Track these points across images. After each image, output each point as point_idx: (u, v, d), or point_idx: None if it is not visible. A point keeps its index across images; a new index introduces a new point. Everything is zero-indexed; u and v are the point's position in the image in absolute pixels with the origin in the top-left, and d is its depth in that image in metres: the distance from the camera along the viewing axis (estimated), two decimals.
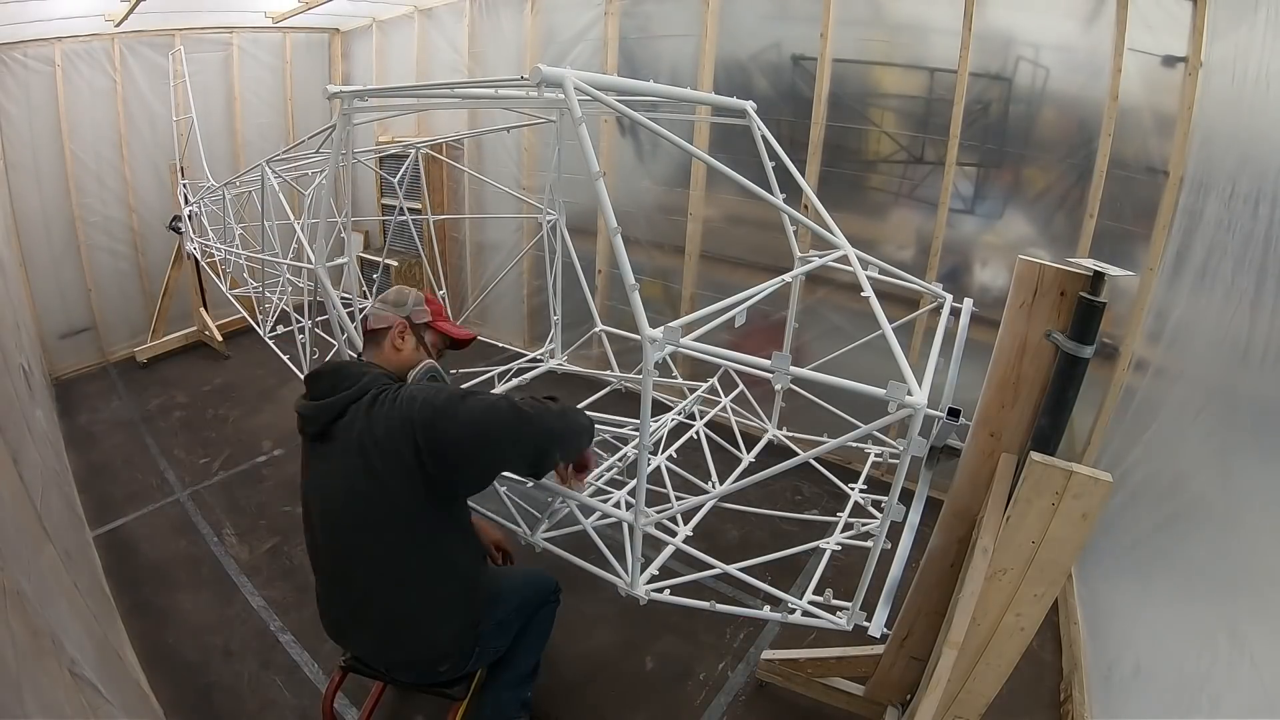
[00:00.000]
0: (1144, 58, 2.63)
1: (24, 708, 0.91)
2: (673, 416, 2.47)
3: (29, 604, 1.15)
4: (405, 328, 1.69)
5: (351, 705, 2.20)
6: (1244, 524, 1.54)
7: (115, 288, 4.99)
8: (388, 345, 1.67)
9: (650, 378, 1.25)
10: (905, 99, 3.28)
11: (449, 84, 2.37)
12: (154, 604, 2.62)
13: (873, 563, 1.39)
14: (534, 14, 4.34)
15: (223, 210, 3.62)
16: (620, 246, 1.30)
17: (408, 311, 1.71)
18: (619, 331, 3.03)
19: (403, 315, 1.70)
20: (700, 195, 3.90)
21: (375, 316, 1.69)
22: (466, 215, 5.21)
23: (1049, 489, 1.25)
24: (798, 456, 1.41)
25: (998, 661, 1.44)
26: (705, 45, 3.66)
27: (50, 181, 4.53)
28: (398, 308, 1.71)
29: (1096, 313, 1.27)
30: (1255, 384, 1.62)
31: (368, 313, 1.72)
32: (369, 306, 1.74)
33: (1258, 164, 1.89)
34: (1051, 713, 2.20)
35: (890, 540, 1.36)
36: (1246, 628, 1.39)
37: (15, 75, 4.23)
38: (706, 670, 2.34)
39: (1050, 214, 3.01)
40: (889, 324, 1.35)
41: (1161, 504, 2.06)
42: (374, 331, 1.69)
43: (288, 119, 5.68)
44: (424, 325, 1.75)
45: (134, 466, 3.61)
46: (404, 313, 1.71)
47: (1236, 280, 1.84)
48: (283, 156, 2.80)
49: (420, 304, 1.75)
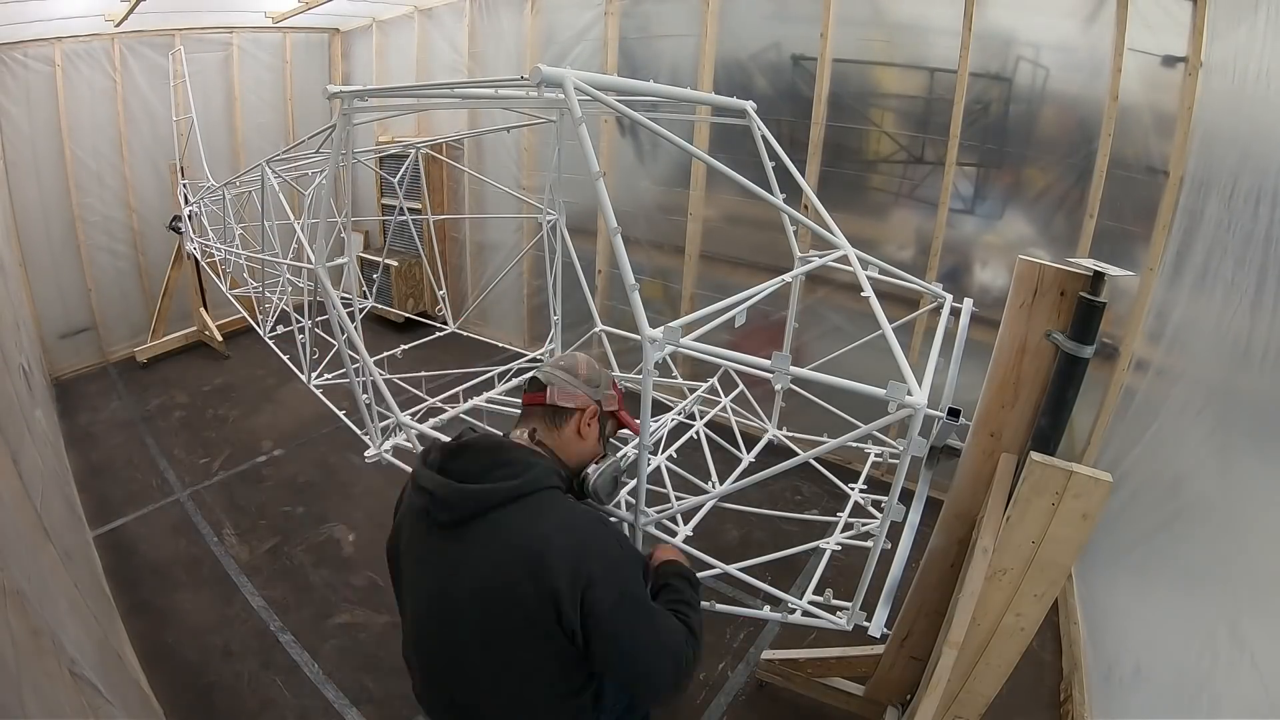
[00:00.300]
0: (1144, 58, 2.63)
1: (24, 707, 0.91)
2: (673, 416, 2.47)
3: (29, 604, 1.15)
4: (596, 414, 1.35)
5: (351, 705, 2.20)
6: (1244, 524, 1.54)
7: (115, 288, 4.99)
8: (570, 430, 1.32)
9: (650, 378, 1.25)
10: (905, 99, 3.28)
11: (449, 84, 2.37)
12: (154, 604, 2.62)
13: (873, 563, 1.39)
14: (534, 14, 4.34)
15: (223, 210, 3.62)
16: (620, 246, 1.30)
17: (601, 395, 1.37)
18: (619, 331, 3.03)
19: (596, 399, 1.36)
20: (700, 195, 3.90)
21: (562, 391, 1.32)
22: (466, 215, 5.21)
23: (1049, 489, 1.25)
24: (798, 456, 1.41)
25: (998, 661, 1.44)
26: (705, 45, 3.66)
27: (50, 181, 4.53)
28: (592, 388, 1.35)
29: (1096, 313, 1.27)
30: (1255, 384, 1.62)
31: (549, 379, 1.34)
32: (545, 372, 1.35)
33: (1258, 163, 1.89)
34: (1051, 713, 2.20)
35: (890, 540, 1.36)
36: (1246, 627, 1.39)
37: (15, 75, 4.23)
38: (706, 670, 2.34)
39: (1050, 214, 3.01)
40: (889, 324, 1.35)
41: (1161, 504, 2.06)
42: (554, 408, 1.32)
43: (288, 119, 5.68)
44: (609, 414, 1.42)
45: (134, 466, 3.61)
46: (598, 395, 1.36)
47: (1237, 280, 1.84)
48: (283, 156, 2.80)
49: (610, 386, 1.41)
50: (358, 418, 2.32)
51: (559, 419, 1.32)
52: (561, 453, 1.31)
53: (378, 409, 2.25)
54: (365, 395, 2.21)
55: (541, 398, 1.33)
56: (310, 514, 3.18)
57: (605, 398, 1.39)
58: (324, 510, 3.21)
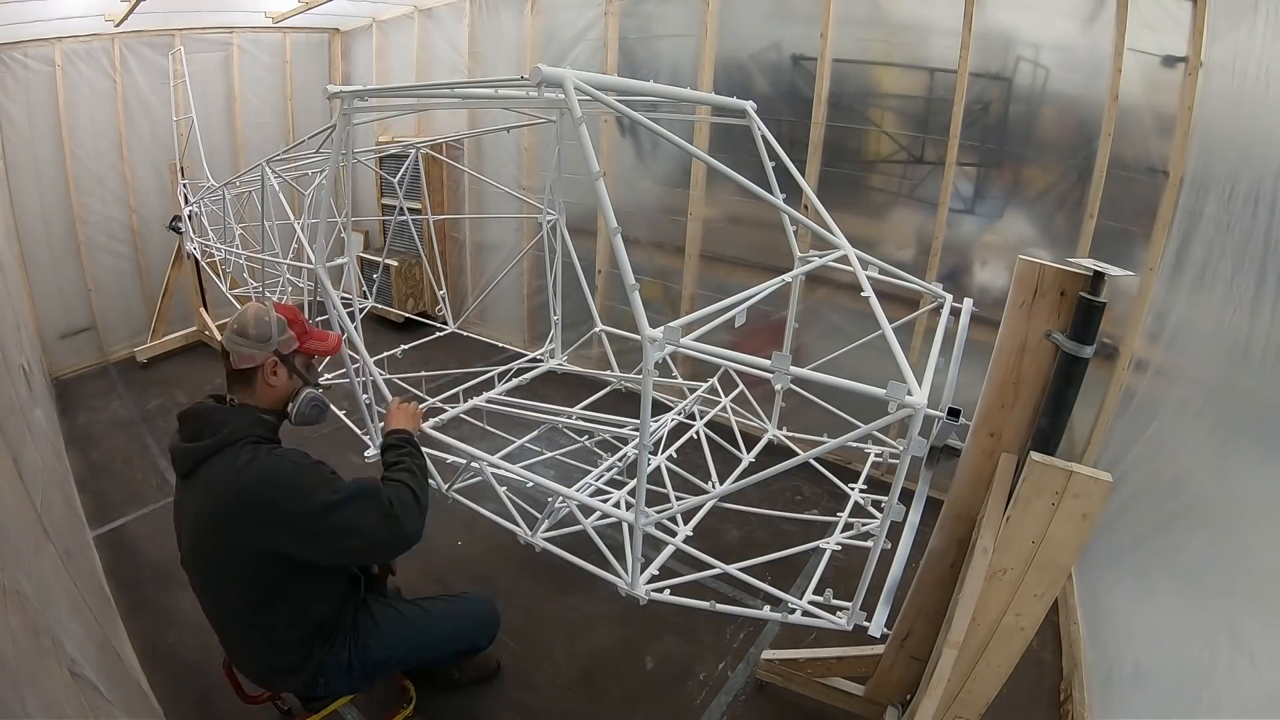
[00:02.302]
0: (1144, 58, 2.63)
1: (24, 707, 0.91)
2: (673, 416, 2.47)
3: (29, 604, 1.15)
4: (276, 363, 1.58)
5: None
6: (1244, 524, 1.54)
7: (115, 288, 4.99)
8: (260, 384, 1.57)
9: (650, 378, 1.25)
10: (905, 99, 3.28)
11: (449, 84, 2.38)
12: (154, 604, 2.62)
13: (873, 563, 1.39)
14: (534, 14, 4.34)
15: (223, 210, 3.62)
16: (620, 246, 1.30)
17: (274, 345, 1.57)
18: (619, 331, 3.03)
19: (270, 350, 1.56)
20: (700, 195, 3.90)
21: (239, 355, 1.55)
22: (466, 215, 5.21)
23: (1049, 489, 1.25)
24: (798, 456, 1.41)
25: (998, 661, 1.44)
26: (705, 45, 3.66)
27: (50, 181, 4.53)
28: (262, 343, 1.56)
29: (1096, 313, 1.27)
30: (1255, 384, 1.62)
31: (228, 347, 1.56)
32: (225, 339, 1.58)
33: (1257, 164, 1.89)
34: (1051, 713, 2.20)
35: (890, 540, 1.36)
36: (1246, 627, 1.39)
37: (15, 75, 4.23)
38: (706, 670, 2.34)
39: (1050, 214, 3.01)
40: (889, 324, 1.35)
41: (1161, 504, 2.06)
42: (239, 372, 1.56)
43: (288, 119, 5.68)
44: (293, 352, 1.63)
45: (134, 466, 3.61)
46: (270, 348, 1.57)
47: (1236, 280, 1.84)
48: (283, 156, 2.80)
49: (285, 331, 1.60)
50: (358, 418, 2.32)
51: (248, 379, 1.57)
52: (263, 403, 1.58)
53: (378, 409, 2.25)
54: (365, 395, 2.21)
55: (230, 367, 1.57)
56: None
57: (281, 343, 1.59)
58: None
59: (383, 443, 1.81)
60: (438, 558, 2.88)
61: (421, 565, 2.83)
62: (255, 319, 1.57)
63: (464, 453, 1.99)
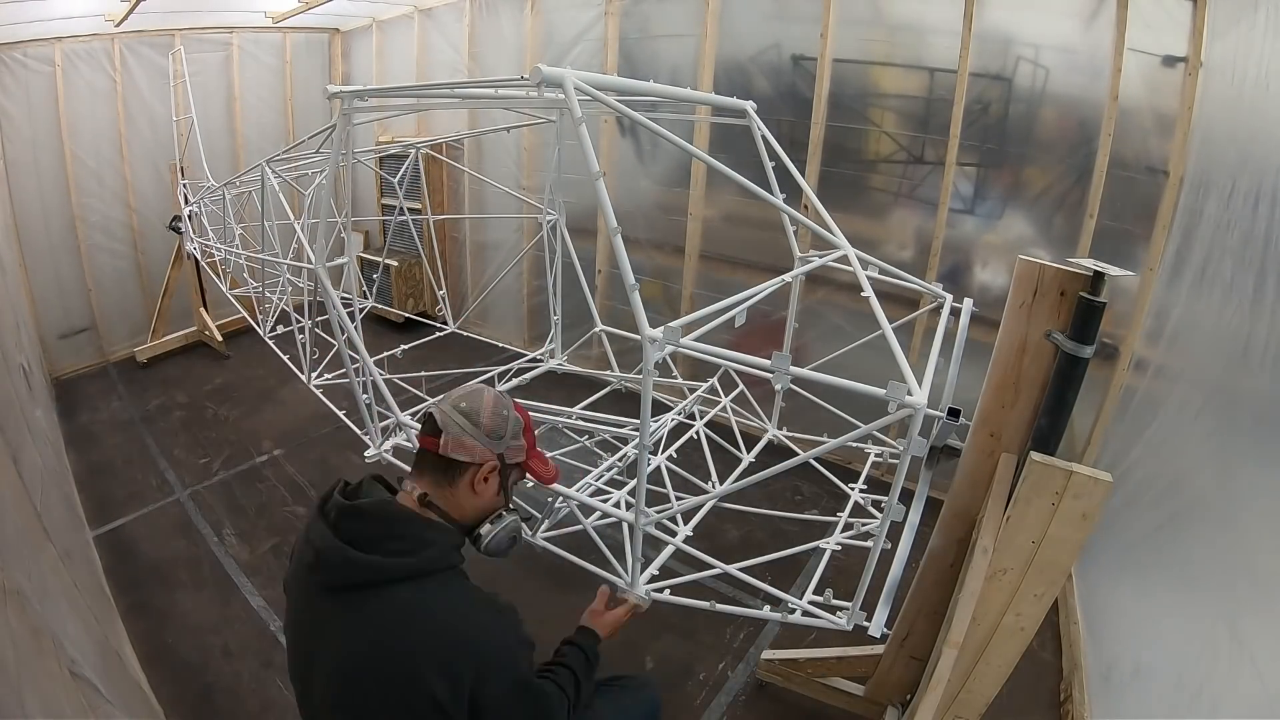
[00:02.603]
0: (1144, 58, 2.63)
1: (24, 708, 0.91)
2: (673, 416, 2.47)
3: (29, 604, 1.15)
4: (495, 469, 1.23)
5: None
6: (1244, 524, 1.54)
7: (115, 287, 4.99)
8: (464, 486, 1.21)
9: (650, 378, 1.25)
10: (905, 99, 3.28)
11: (449, 84, 2.38)
12: (154, 604, 2.62)
13: (873, 563, 1.39)
14: (534, 14, 4.34)
15: (223, 210, 3.62)
16: (620, 246, 1.30)
17: (504, 446, 1.24)
18: (619, 331, 3.03)
19: (496, 452, 1.22)
20: (700, 195, 3.90)
21: (456, 442, 1.18)
22: (466, 215, 5.21)
23: (1049, 489, 1.26)
24: (798, 456, 1.41)
25: (998, 661, 1.44)
26: (705, 45, 3.66)
27: (50, 181, 4.53)
28: (493, 439, 1.22)
29: (1096, 313, 1.27)
30: (1255, 384, 1.62)
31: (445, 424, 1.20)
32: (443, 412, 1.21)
33: (1257, 163, 1.89)
34: (1051, 713, 2.20)
35: (890, 540, 1.36)
36: (1246, 627, 1.39)
37: (15, 75, 4.23)
38: (706, 670, 2.34)
39: (1050, 214, 3.01)
40: (889, 324, 1.35)
41: (1161, 504, 2.06)
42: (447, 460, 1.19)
43: (288, 119, 5.68)
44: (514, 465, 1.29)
45: (134, 466, 3.61)
46: (499, 448, 1.23)
47: (1236, 280, 1.84)
48: (283, 156, 2.80)
49: (519, 436, 1.27)
50: (358, 418, 2.32)
51: (451, 473, 1.20)
52: (454, 511, 1.21)
53: (378, 409, 2.25)
54: (365, 395, 2.21)
55: (434, 443, 1.19)
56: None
57: (510, 449, 1.25)
58: None
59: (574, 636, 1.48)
60: None
61: None
62: (493, 406, 1.24)
63: None
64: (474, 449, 1.20)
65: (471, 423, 1.20)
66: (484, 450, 1.20)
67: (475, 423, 1.20)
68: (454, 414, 1.20)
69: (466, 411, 1.21)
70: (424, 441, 1.22)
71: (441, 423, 1.20)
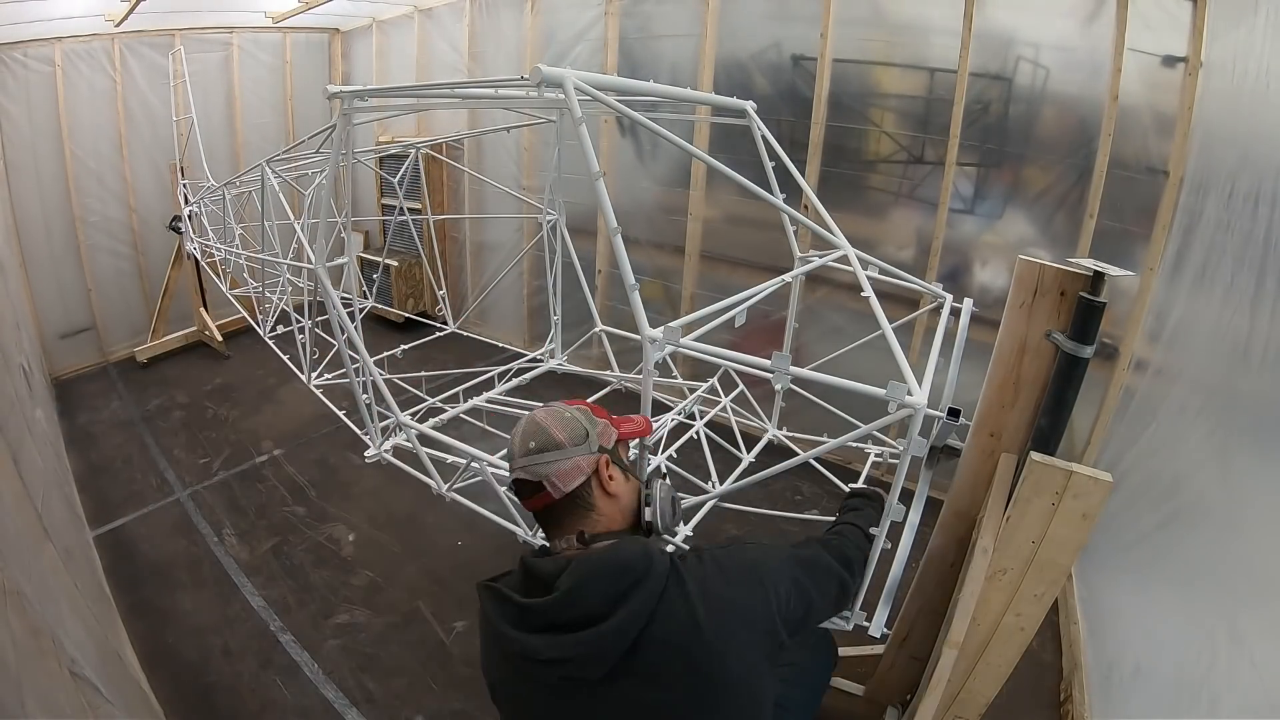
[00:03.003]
0: (1144, 58, 2.63)
1: (24, 708, 0.91)
2: (673, 416, 2.47)
3: (29, 604, 1.15)
4: (608, 461, 1.11)
5: (350, 705, 2.20)
6: (1244, 524, 1.54)
7: (115, 288, 4.99)
8: (599, 498, 1.08)
9: (650, 378, 1.25)
10: (905, 99, 3.28)
11: (449, 84, 2.38)
12: (154, 604, 2.63)
13: (872, 563, 1.39)
14: (534, 14, 4.34)
15: (223, 210, 3.62)
16: (620, 246, 1.30)
17: (595, 440, 1.11)
18: (619, 331, 3.03)
19: (594, 450, 1.10)
20: (700, 195, 3.90)
21: (560, 474, 1.05)
22: (466, 215, 5.21)
23: (1049, 489, 1.26)
24: (798, 456, 1.41)
25: (998, 661, 1.44)
26: (705, 45, 3.66)
27: (50, 181, 4.53)
28: (581, 443, 1.09)
29: (1096, 313, 1.27)
30: (1255, 384, 1.62)
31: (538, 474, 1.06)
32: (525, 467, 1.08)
33: (1257, 163, 1.89)
34: (1051, 713, 2.20)
35: (890, 540, 1.36)
36: (1246, 627, 1.39)
37: (15, 75, 4.23)
38: None
39: (1050, 214, 3.01)
40: (889, 324, 1.35)
41: (1161, 504, 2.06)
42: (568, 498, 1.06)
43: (288, 119, 5.68)
44: (615, 443, 1.17)
45: (134, 466, 3.61)
46: (594, 446, 1.10)
47: (1236, 280, 1.84)
48: (283, 156, 2.80)
49: (592, 419, 1.15)
50: (358, 418, 2.32)
51: (584, 500, 1.07)
52: (612, 524, 1.10)
53: (378, 409, 2.25)
54: (365, 395, 2.21)
55: (549, 497, 1.06)
56: (310, 514, 3.19)
57: (601, 434, 1.13)
58: (324, 510, 3.21)
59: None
60: (438, 558, 2.88)
61: (421, 565, 2.84)
62: (554, 419, 1.11)
63: (464, 453, 1.98)
64: (578, 465, 1.07)
65: (553, 448, 1.07)
66: (586, 458, 1.08)
67: (555, 445, 1.07)
68: (535, 458, 1.06)
69: (541, 445, 1.07)
70: (538, 504, 1.08)
71: (534, 474, 1.06)
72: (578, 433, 1.09)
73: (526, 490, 1.08)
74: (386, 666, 2.34)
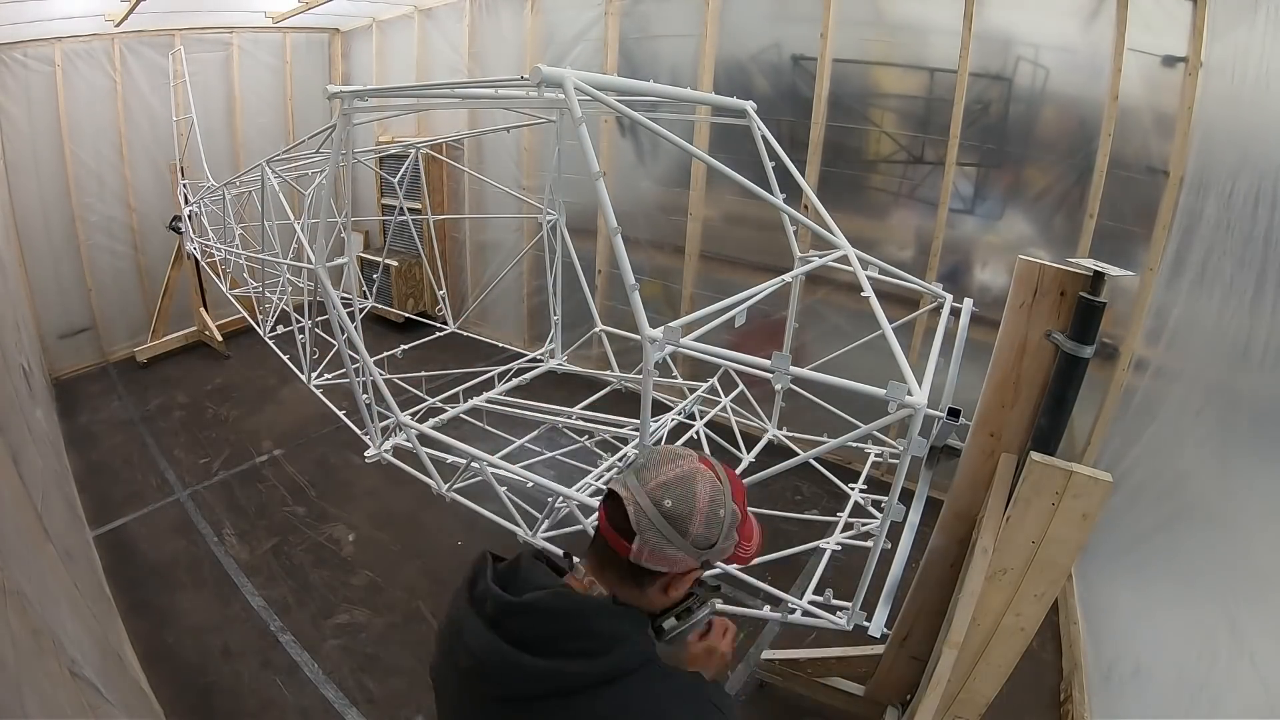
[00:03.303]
0: (1144, 58, 2.63)
1: (24, 707, 0.91)
2: (673, 416, 2.47)
3: (29, 604, 1.15)
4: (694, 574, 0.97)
5: (350, 705, 2.20)
6: (1244, 524, 1.54)
7: (115, 288, 4.99)
8: (655, 591, 0.96)
9: (650, 378, 1.25)
10: (905, 99, 3.28)
11: (449, 84, 2.38)
12: (154, 604, 2.62)
13: (873, 563, 1.39)
14: (534, 14, 4.34)
15: (223, 210, 3.62)
16: (620, 246, 1.30)
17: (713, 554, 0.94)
18: (619, 331, 3.03)
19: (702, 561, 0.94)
20: (700, 195, 3.90)
21: (654, 553, 0.90)
22: (466, 215, 5.21)
23: (1049, 489, 1.26)
24: (798, 456, 1.41)
25: (998, 661, 1.44)
26: (705, 45, 3.66)
27: (50, 181, 4.53)
28: (701, 550, 0.92)
29: (1096, 313, 1.27)
30: (1255, 384, 1.62)
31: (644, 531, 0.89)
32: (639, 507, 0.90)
33: (1257, 163, 1.89)
34: (1051, 713, 2.20)
35: (890, 540, 1.37)
36: (1246, 627, 1.39)
37: (15, 75, 4.23)
38: None
39: (1050, 214, 3.01)
40: (889, 324, 1.35)
41: (1161, 504, 2.06)
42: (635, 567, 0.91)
43: (288, 119, 5.68)
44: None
45: (134, 466, 3.61)
46: (706, 556, 0.93)
47: (1236, 280, 1.84)
48: (283, 156, 2.80)
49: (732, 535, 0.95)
50: (358, 418, 2.32)
51: (641, 579, 0.94)
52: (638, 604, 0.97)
53: (378, 409, 2.25)
54: (365, 395, 2.21)
55: (625, 549, 0.90)
56: (310, 514, 3.19)
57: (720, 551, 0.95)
58: (324, 510, 3.21)
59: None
60: (438, 558, 2.88)
61: (421, 565, 2.84)
62: (709, 508, 0.91)
63: (464, 453, 1.98)
64: (677, 561, 0.91)
65: (678, 530, 0.90)
66: (689, 561, 0.92)
67: (683, 531, 0.90)
68: (655, 515, 0.90)
69: (672, 515, 0.90)
70: (610, 537, 0.93)
71: (636, 522, 0.89)
72: (708, 539, 0.92)
73: (615, 515, 0.92)
74: (386, 666, 2.34)
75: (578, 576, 0.97)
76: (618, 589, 0.95)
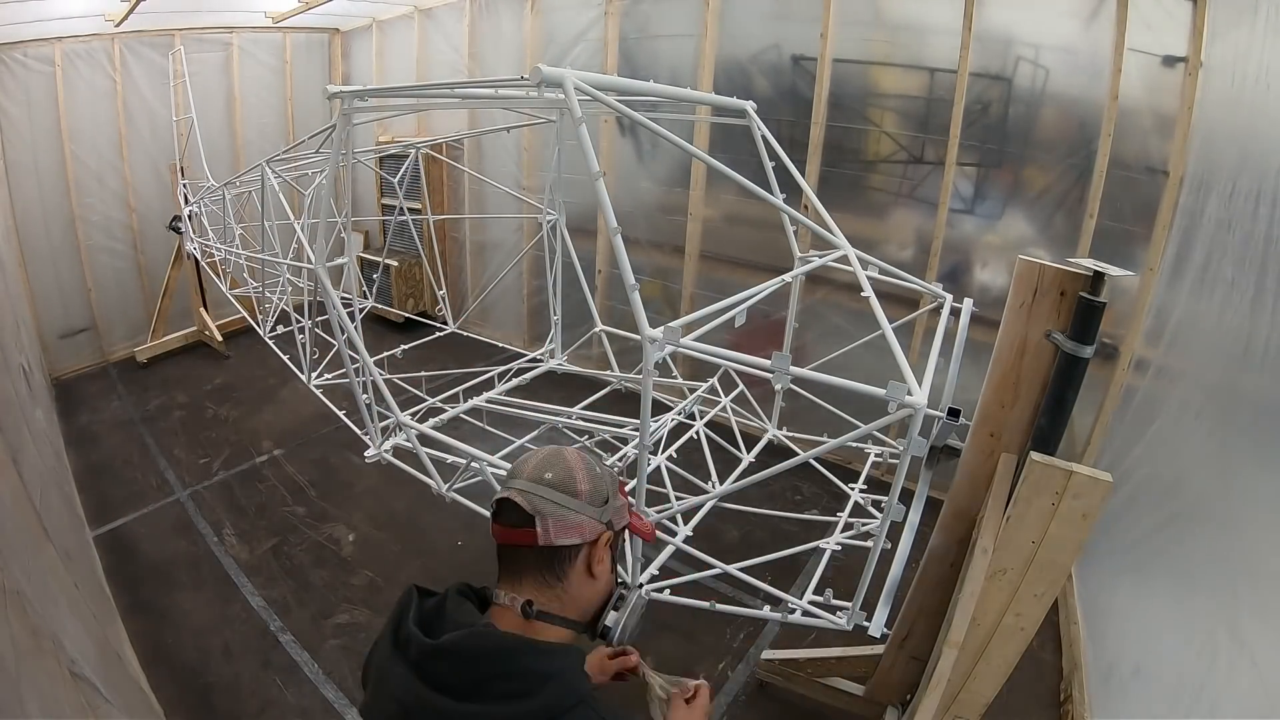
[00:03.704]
0: (1144, 58, 2.63)
1: (24, 708, 0.91)
2: (673, 416, 2.47)
3: (29, 604, 1.15)
4: (609, 540, 0.95)
5: (350, 705, 2.20)
6: (1244, 524, 1.54)
7: (115, 287, 5.00)
8: (578, 575, 0.92)
9: (650, 378, 1.25)
10: (905, 99, 3.28)
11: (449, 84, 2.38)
12: (154, 604, 2.62)
13: (873, 563, 1.39)
14: (534, 14, 4.34)
15: (223, 210, 3.62)
16: (620, 246, 1.30)
17: (613, 510, 0.94)
18: (619, 331, 3.03)
19: (606, 519, 0.93)
20: (700, 195, 3.90)
21: (559, 524, 0.88)
22: (466, 215, 5.21)
23: (1049, 489, 1.25)
24: (798, 456, 1.41)
25: (998, 661, 1.44)
26: (705, 45, 3.66)
27: (50, 181, 4.53)
28: (599, 505, 0.92)
29: (1096, 313, 1.27)
30: (1255, 384, 1.62)
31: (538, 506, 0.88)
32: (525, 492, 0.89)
33: (1257, 163, 1.89)
34: (1051, 713, 2.20)
35: (890, 540, 1.36)
36: (1246, 627, 1.39)
37: (15, 75, 4.23)
38: (706, 670, 2.34)
39: (1050, 214, 3.01)
40: (889, 324, 1.35)
41: (1161, 504, 2.06)
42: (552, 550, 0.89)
43: (288, 119, 5.68)
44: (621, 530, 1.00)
45: (134, 466, 3.61)
46: (608, 514, 0.93)
47: (1236, 280, 1.84)
48: (283, 156, 2.80)
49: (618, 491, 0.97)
50: (358, 418, 2.32)
51: (560, 565, 0.91)
52: (571, 610, 0.93)
53: (378, 409, 2.25)
54: (365, 395, 2.21)
55: (531, 536, 0.88)
56: (310, 514, 3.18)
57: (617, 511, 0.95)
58: (324, 510, 3.21)
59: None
60: (438, 558, 2.88)
61: (421, 565, 2.84)
62: (585, 467, 0.93)
63: (464, 453, 1.98)
64: (582, 525, 0.90)
65: (568, 493, 0.90)
66: (593, 524, 0.91)
67: (572, 491, 0.90)
68: (542, 490, 0.90)
69: (556, 482, 0.90)
70: (511, 537, 0.91)
71: (530, 506, 0.88)
72: (600, 493, 0.93)
73: (509, 515, 0.91)
74: None
75: (500, 602, 0.92)
76: (539, 592, 0.91)
